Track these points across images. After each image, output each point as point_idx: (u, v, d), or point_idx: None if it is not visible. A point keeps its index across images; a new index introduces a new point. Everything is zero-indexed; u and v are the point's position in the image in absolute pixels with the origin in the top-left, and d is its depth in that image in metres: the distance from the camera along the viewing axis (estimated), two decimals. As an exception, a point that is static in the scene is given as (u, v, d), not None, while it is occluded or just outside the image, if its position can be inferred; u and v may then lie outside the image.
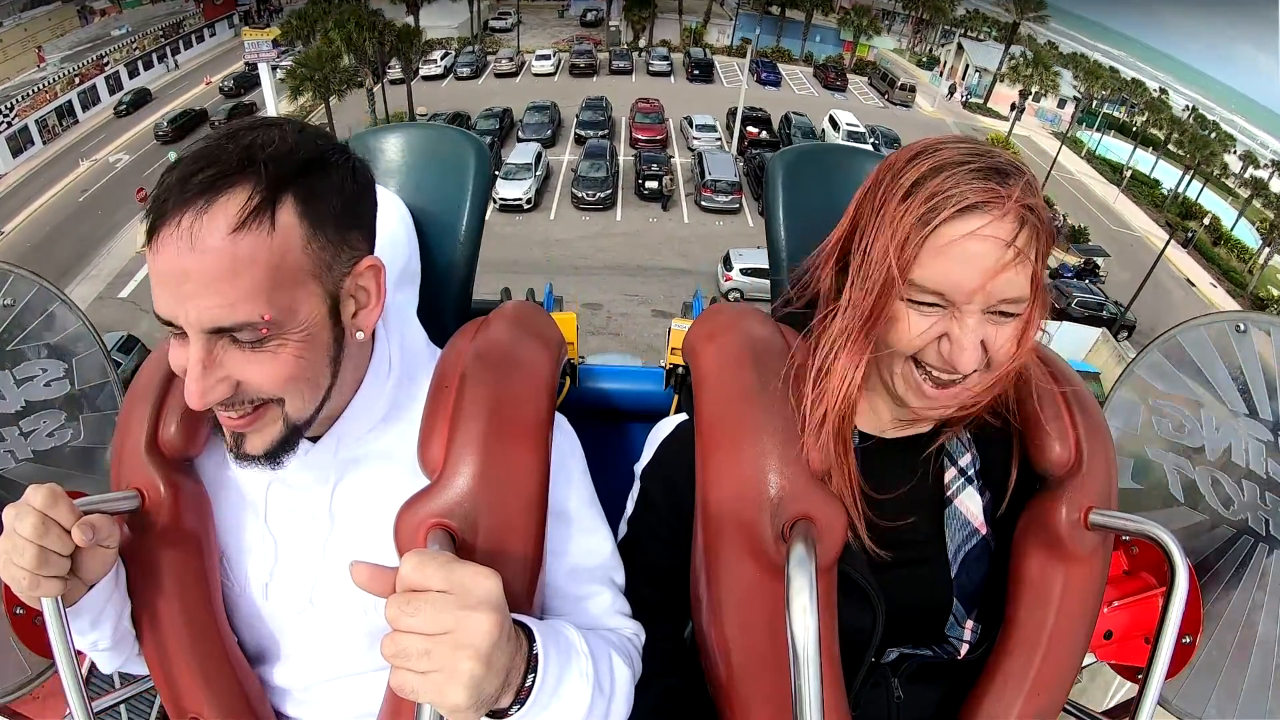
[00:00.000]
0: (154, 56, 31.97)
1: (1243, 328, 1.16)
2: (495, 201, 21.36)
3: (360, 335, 0.81)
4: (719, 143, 27.75)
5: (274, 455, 0.80)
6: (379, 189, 1.15)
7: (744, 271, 17.97)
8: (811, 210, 1.21)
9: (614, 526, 0.99)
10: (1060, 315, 18.78)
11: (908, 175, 0.79)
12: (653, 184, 23.91)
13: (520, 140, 26.58)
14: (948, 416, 0.90)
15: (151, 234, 0.69)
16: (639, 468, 1.03)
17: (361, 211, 0.80)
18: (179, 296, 0.69)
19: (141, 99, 28.28)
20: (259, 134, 0.72)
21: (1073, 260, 23.09)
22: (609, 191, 23.59)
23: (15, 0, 26.67)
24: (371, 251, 0.82)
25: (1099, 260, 23.12)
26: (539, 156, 24.73)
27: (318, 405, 0.80)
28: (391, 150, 1.24)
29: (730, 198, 23.34)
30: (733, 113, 29.05)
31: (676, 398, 1.35)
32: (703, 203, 23.53)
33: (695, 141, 27.53)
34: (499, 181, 22.68)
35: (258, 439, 0.79)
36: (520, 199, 22.61)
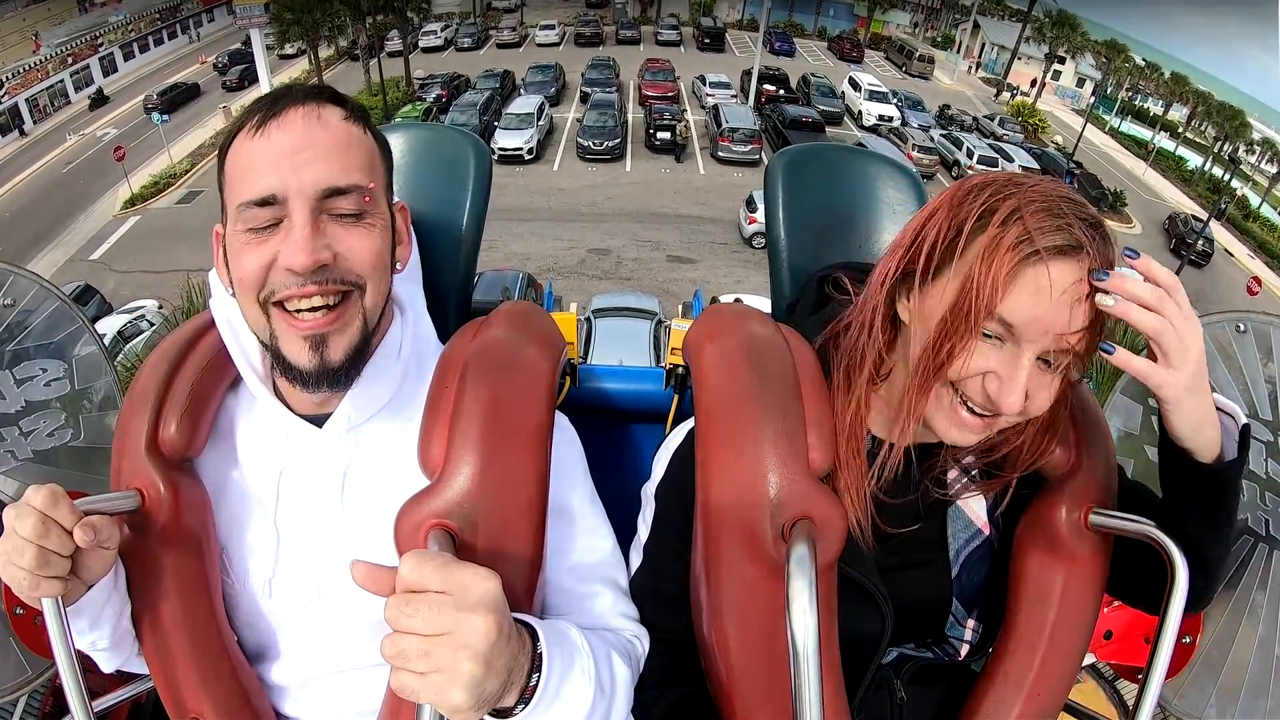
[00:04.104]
0: (150, 39, 31.60)
1: (1243, 328, 1.16)
2: (494, 152, 20.66)
3: (399, 267, 0.92)
4: (735, 99, 25.96)
5: (353, 362, 0.85)
6: None
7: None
8: (812, 210, 1.21)
9: (614, 527, 0.98)
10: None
11: (1004, 202, 0.75)
12: (665, 134, 22.37)
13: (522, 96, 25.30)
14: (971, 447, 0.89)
15: (268, 119, 0.80)
16: (649, 488, 1.00)
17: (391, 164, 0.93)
18: (295, 165, 0.79)
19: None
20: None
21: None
22: (617, 141, 22.18)
23: (19, -5, 26.65)
24: None
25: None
26: (541, 108, 23.47)
27: (378, 315, 0.87)
28: (392, 150, 1.23)
29: (750, 147, 21.75)
30: (748, 73, 27.56)
31: (676, 398, 1.35)
32: (720, 154, 22.03)
33: (709, 99, 25.78)
34: (497, 132, 21.77)
35: (341, 340, 0.84)
36: (520, 148, 21.40)
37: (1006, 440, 0.88)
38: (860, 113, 26.67)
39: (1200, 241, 21.21)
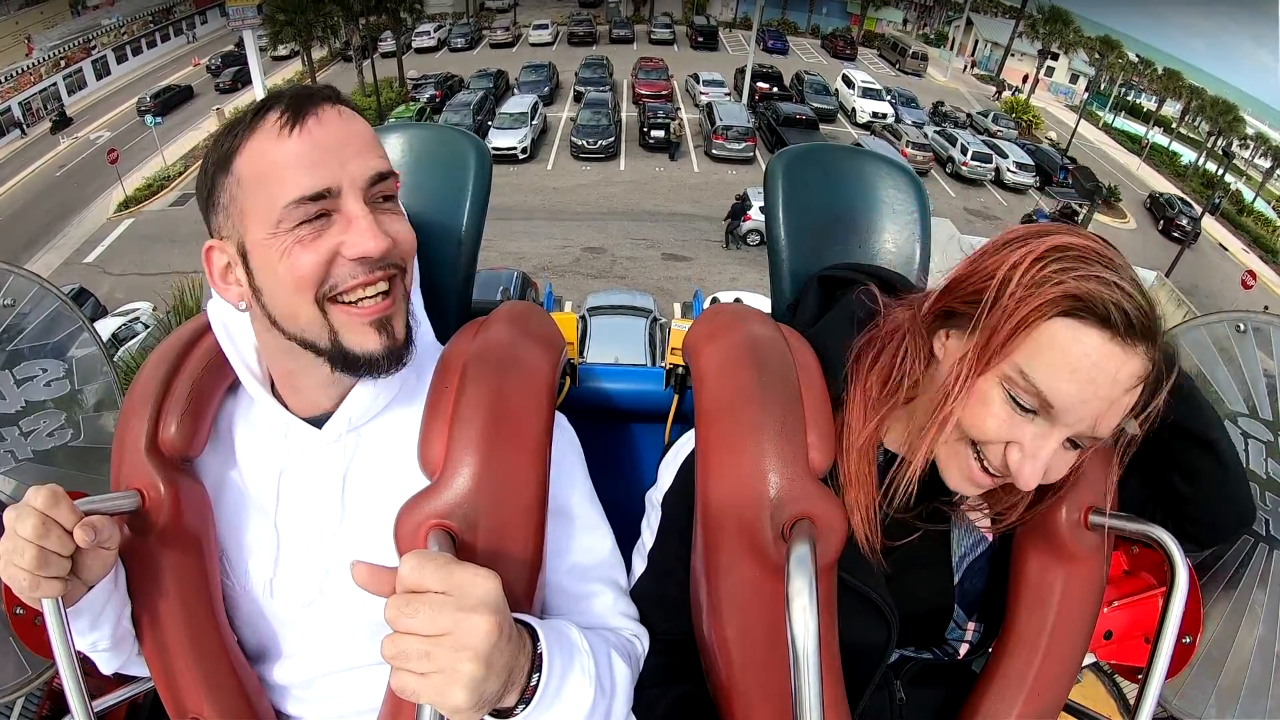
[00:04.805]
0: (143, 42, 31.31)
1: (1243, 328, 1.16)
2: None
3: None
4: (728, 97, 26.02)
5: (409, 340, 0.87)
6: None
7: (763, 210, 16.67)
8: (812, 210, 1.21)
9: (613, 527, 0.98)
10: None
11: (1076, 245, 0.75)
12: (659, 132, 22.42)
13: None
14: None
15: (300, 118, 0.80)
16: (656, 494, 0.99)
17: None
18: (342, 159, 0.80)
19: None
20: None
21: (1049, 207, 22.16)
22: (611, 140, 22.25)
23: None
24: None
25: (1076, 205, 22.24)
26: (535, 107, 23.52)
27: (406, 293, 0.88)
28: (391, 150, 1.23)
29: (743, 145, 21.85)
30: (741, 71, 27.41)
31: (676, 398, 1.35)
32: (714, 151, 22.07)
33: (703, 97, 25.78)
34: (491, 131, 21.79)
35: (399, 320, 0.85)
36: (514, 148, 21.40)
37: (1009, 491, 0.88)
38: (854, 110, 26.66)
39: (1187, 221, 21.84)
